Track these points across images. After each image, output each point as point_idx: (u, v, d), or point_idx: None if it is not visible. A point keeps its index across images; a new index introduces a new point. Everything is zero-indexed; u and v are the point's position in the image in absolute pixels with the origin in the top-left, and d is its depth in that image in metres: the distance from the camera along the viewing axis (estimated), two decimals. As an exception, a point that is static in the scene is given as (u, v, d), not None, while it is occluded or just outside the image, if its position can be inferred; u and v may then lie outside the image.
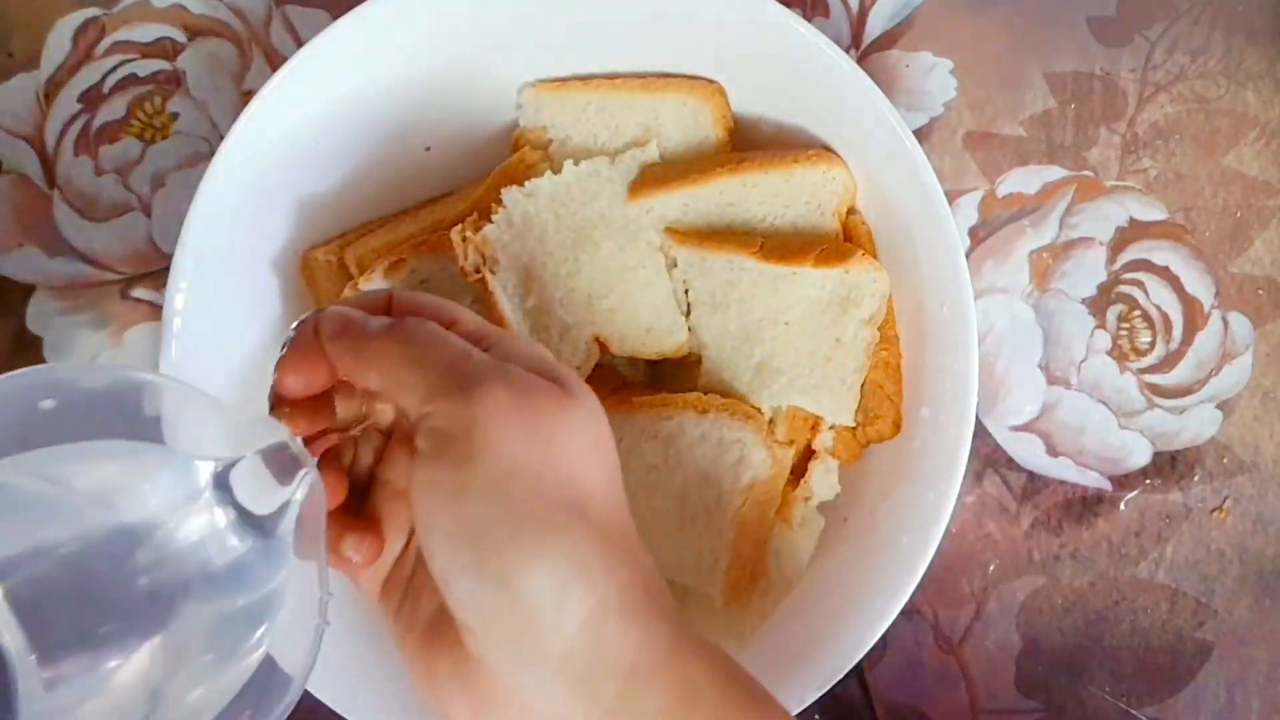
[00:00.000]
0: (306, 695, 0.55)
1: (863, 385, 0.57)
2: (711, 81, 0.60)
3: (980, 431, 0.68)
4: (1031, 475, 0.68)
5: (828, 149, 0.58)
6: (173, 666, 0.34)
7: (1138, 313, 0.69)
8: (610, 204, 0.59)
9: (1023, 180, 0.69)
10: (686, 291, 0.59)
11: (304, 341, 0.43)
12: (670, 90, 0.60)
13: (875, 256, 0.58)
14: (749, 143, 0.61)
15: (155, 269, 0.69)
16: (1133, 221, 0.69)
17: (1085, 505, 0.68)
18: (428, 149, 0.63)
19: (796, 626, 0.58)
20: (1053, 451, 0.68)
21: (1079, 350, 0.68)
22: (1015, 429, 0.68)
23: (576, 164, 0.59)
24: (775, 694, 0.54)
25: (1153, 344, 0.69)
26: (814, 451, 0.59)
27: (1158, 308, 0.69)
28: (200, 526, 0.36)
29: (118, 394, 0.36)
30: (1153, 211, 0.69)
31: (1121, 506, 0.68)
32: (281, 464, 0.38)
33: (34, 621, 0.30)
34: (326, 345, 0.43)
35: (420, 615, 0.44)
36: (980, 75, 0.70)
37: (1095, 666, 0.68)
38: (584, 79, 0.61)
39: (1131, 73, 0.70)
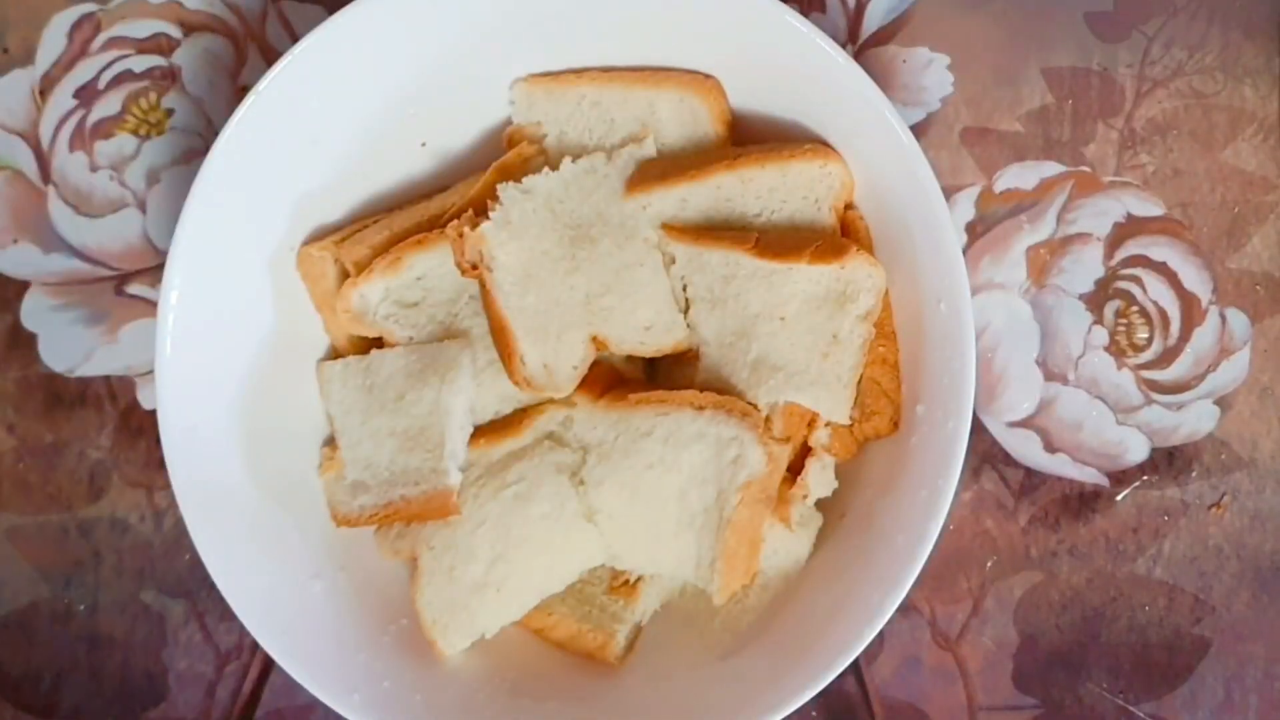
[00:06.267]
0: (303, 692, 0.55)
1: (860, 382, 0.57)
2: (708, 76, 0.60)
3: (978, 428, 0.68)
4: (1029, 471, 0.68)
5: (824, 144, 0.58)
6: None
7: (1135, 309, 0.69)
8: (608, 201, 0.59)
9: (1020, 176, 0.69)
10: (685, 288, 0.59)
11: None
12: (667, 85, 0.60)
13: (872, 252, 0.58)
14: (746, 138, 0.61)
15: (150, 265, 0.69)
16: (1130, 217, 0.69)
17: (1083, 501, 0.68)
18: (423, 144, 0.62)
19: (794, 623, 0.58)
20: (1050, 447, 0.68)
21: (1076, 346, 0.68)
22: (1013, 425, 0.68)
23: (574, 161, 0.59)
24: (772, 690, 0.54)
25: (1150, 340, 0.68)
26: (811, 448, 0.59)
27: (1155, 304, 0.69)
28: None
29: None
30: (1150, 207, 0.69)
31: (1119, 502, 0.68)
32: None
33: None
34: None
35: None
36: (977, 71, 0.70)
37: (1093, 663, 0.68)
38: (578, 72, 0.61)
39: (1129, 68, 0.69)
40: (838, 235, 0.58)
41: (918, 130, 0.69)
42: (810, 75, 0.56)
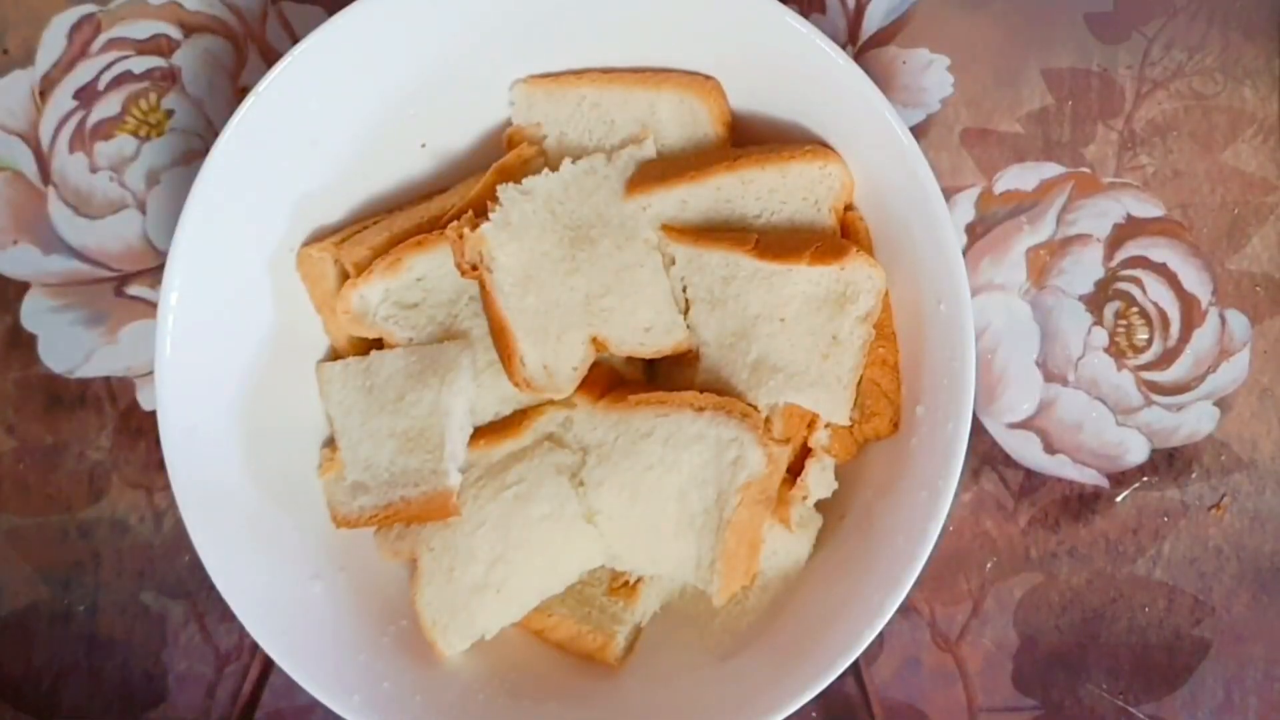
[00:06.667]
0: (302, 693, 0.55)
1: (859, 383, 0.57)
2: (708, 78, 0.60)
3: (977, 429, 0.68)
4: (1029, 473, 0.68)
5: (824, 145, 0.58)
6: None
7: (1135, 309, 0.69)
8: (607, 202, 0.59)
9: (1020, 177, 0.69)
10: (685, 289, 0.59)
11: None
12: (667, 86, 0.60)
13: (872, 253, 0.58)
14: (746, 139, 0.61)
15: (150, 266, 0.69)
16: (1130, 218, 0.69)
17: (1083, 502, 0.68)
18: (423, 145, 0.62)
19: (794, 624, 0.58)
20: (1050, 449, 0.68)
21: (1076, 347, 0.68)
22: (1012, 426, 0.68)
23: (574, 162, 0.59)
24: (772, 691, 0.54)
25: (1150, 341, 0.68)
26: (811, 450, 0.59)
27: (1155, 305, 0.69)
28: None
29: None
30: (1150, 208, 0.69)
31: (1119, 504, 0.68)
32: None
33: None
34: None
35: None
36: (977, 72, 0.70)
37: (1093, 664, 0.68)
38: (577, 73, 0.61)
39: (1129, 69, 0.69)
40: (838, 236, 0.58)
41: (918, 131, 0.69)
42: (810, 76, 0.56)
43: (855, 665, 0.64)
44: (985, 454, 0.68)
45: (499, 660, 0.60)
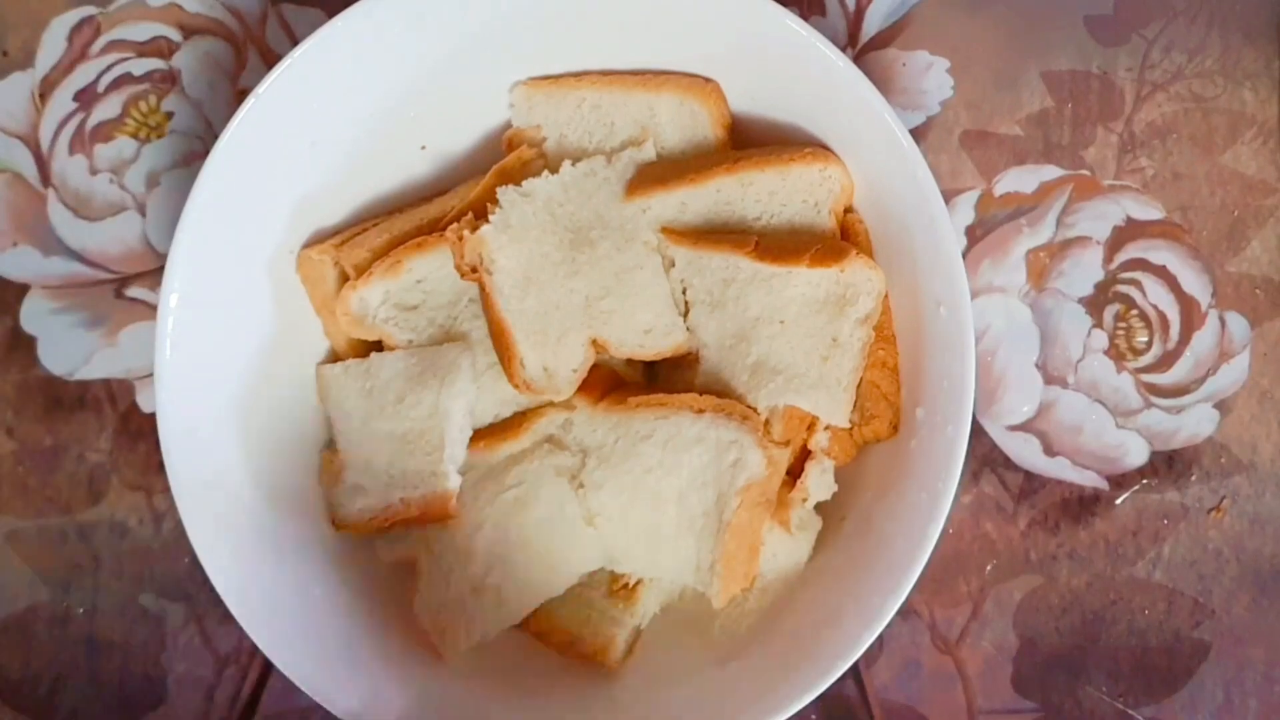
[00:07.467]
0: (301, 696, 0.55)
1: (859, 385, 0.57)
2: (708, 80, 0.60)
3: (977, 431, 0.68)
4: (1029, 475, 0.68)
5: (824, 148, 0.58)
6: None
7: (1135, 312, 0.69)
8: (607, 204, 0.59)
9: (1019, 179, 0.69)
10: (685, 291, 0.59)
11: None
12: (667, 88, 0.60)
13: (872, 255, 0.58)
14: (746, 141, 0.61)
15: (150, 268, 0.69)
16: (1130, 220, 0.69)
17: (1082, 505, 0.68)
18: (423, 147, 0.62)
19: (793, 626, 0.58)
20: (1050, 451, 0.68)
21: (1076, 350, 0.68)
22: (1012, 429, 0.68)
23: (574, 164, 0.59)
24: (772, 694, 0.54)
25: (1150, 343, 0.69)
26: (810, 452, 0.59)
27: (1155, 307, 0.69)
28: None
29: None
30: (1150, 211, 0.69)
31: (1118, 506, 0.68)
32: None
33: None
34: None
35: None
36: (977, 74, 0.70)
37: (1092, 666, 0.68)
38: (577, 75, 0.61)
39: (1129, 72, 0.70)
40: (837, 238, 0.58)
41: (917, 134, 0.69)
42: (810, 79, 0.56)
43: (855, 667, 0.64)
44: (985, 456, 0.68)
45: (499, 662, 0.60)
